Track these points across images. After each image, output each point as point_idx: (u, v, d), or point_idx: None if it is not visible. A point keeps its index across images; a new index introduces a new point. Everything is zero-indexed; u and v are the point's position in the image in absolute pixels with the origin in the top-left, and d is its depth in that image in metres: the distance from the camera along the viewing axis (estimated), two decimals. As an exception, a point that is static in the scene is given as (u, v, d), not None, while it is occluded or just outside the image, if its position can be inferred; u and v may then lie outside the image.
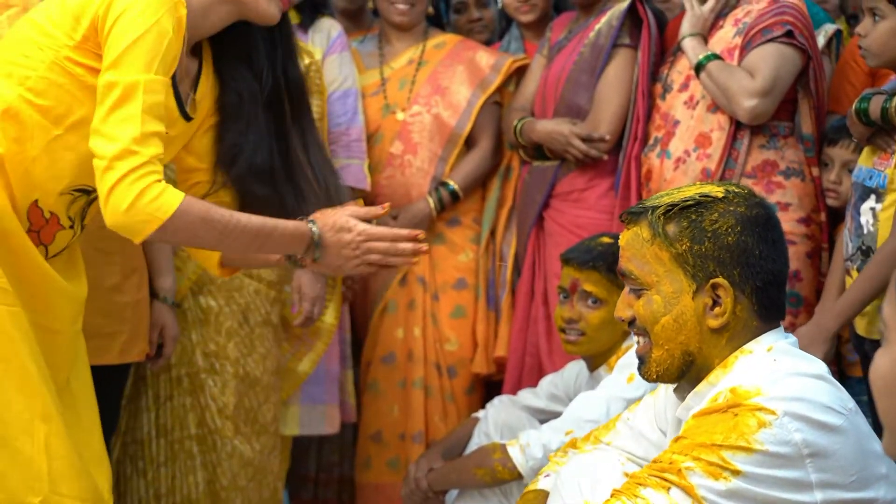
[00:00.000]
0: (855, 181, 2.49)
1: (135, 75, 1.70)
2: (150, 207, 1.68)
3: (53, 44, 1.78)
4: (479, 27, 3.55)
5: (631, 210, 1.71)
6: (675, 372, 1.67)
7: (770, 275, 1.63)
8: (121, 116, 1.70)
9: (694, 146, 2.80)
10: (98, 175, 1.71)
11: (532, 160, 3.15)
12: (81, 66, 1.78)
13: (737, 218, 1.63)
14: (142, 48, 1.72)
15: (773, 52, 2.71)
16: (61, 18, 1.78)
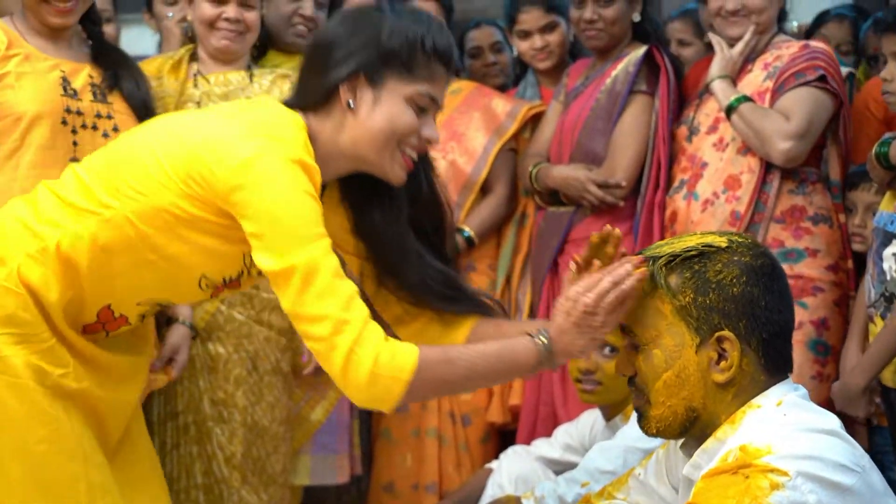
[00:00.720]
0: (876, 226, 2.47)
1: (307, 252, 1.65)
2: (390, 373, 1.62)
3: (169, 184, 1.73)
4: (495, 71, 3.56)
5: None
6: (677, 428, 1.62)
7: (776, 326, 1.59)
8: (314, 294, 1.65)
9: (723, 188, 2.79)
10: (323, 359, 1.66)
11: (547, 206, 3.14)
12: (190, 214, 1.74)
13: (742, 268, 1.58)
14: (299, 221, 1.67)
15: (808, 95, 2.71)
16: (182, 168, 1.73)
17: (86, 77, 2.45)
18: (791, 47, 2.80)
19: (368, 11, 1.81)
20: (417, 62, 1.76)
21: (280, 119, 1.77)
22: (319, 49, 1.81)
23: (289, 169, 1.68)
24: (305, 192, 1.69)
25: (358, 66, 1.75)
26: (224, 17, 2.72)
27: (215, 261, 1.81)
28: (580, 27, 3.08)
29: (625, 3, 3.05)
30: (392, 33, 1.76)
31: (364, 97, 1.76)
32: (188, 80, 2.79)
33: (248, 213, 1.68)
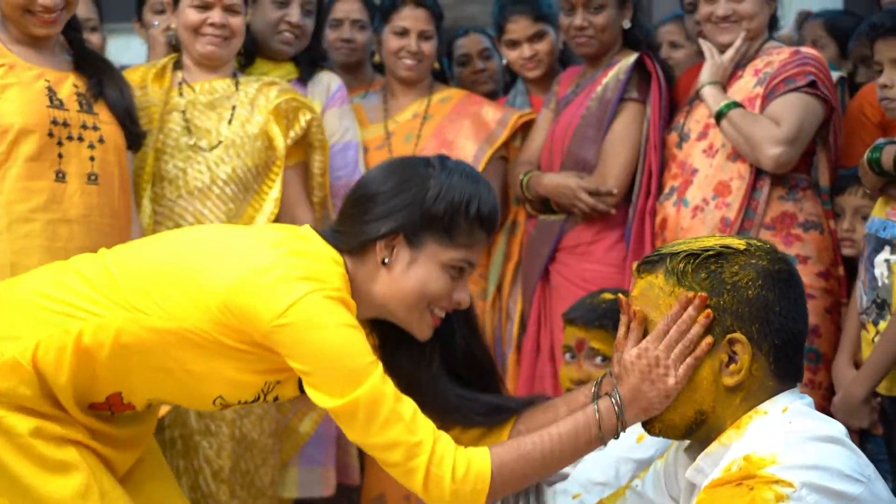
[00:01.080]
0: (868, 233, 2.46)
1: (365, 385, 1.65)
2: (469, 484, 1.65)
3: (200, 310, 1.71)
4: (484, 78, 3.57)
5: (647, 259, 1.64)
6: (682, 430, 1.60)
7: (790, 334, 1.56)
8: (380, 424, 1.65)
9: (713, 194, 2.78)
10: (406, 481, 1.68)
11: (538, 214, 3.13)
12: (217, 342, 1.72)
13: (758, 271, 1.56)
14: (350, 357, 1.66)
15: (798, 101, 2.70)
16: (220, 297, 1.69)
17: (70, 86, 2.44)
18: (782, 53, 2.80)
19: (417, 168, 1.78)
20: (460, 229, 1.74)
21: (322, 256, 1.75)
22: (362, 198, 1.79)
23: (332, 306, 1.68)
24: (350, 326, 1.68)
25: (398, 226, 1.74)
26: (209, 23, 2.72)
27: (234, 387, 1.79)
28: (570, 34, 3.07)
29: (615, 10, 3.04)
30: (438, 196, 1.73)
31: (400, 256, 1.75)
32: (173, 88, 2.78)
33: (297, 354, 1.67)
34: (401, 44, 3.20)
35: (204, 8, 2.71)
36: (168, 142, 2.74)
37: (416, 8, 3.20)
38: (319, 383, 1.66)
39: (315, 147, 2.87)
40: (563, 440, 1.68)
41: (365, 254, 1.77)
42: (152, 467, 1.96)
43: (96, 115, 2.46)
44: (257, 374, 1.77)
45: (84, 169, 2.42)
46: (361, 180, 1.87)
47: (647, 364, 1.61)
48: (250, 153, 2.74)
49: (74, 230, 2.41)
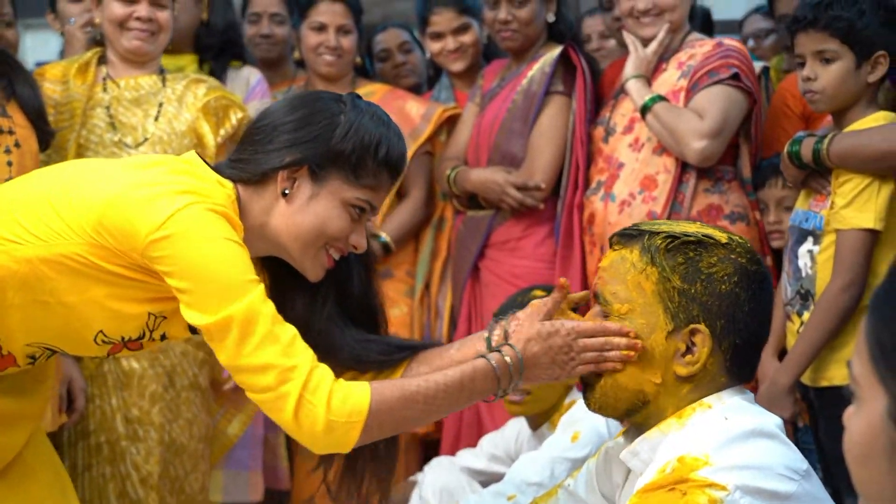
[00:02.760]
0: (792, 224, 2.49)
1: (243, 301, 1.56)
2: (344, 416, 1.54)
3: (71, 234, 1.62)
4: (405, 71, 3.55)
5: (625, 231, 1.60)
6: (621, 408, 1.58)
7: (752, 335, 1.55)
8: (254, 344, 1.56)
9: (639, 189, 2.79)
10: (270, 409, 1.56)
11: (466, 210, 3.11)
12: (94, 266, 1.63)
13: (736, 268, 1.53)
14: (230, 271, 1.57)
15: (721, 93, 2.71)
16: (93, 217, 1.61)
17: None
18: (704, 46, 2.81)
19: (328, 102, 1.72)
20: (366, 169, 1.68)
21: (206, 177, 1.67)
22: (266, 127, 1.71)
23: (214, 218, 1.60)
24: (231, 241, 1.60)
25: (304, 157, 1.67)
26: (135, 17, 2.65)
27: (115, 319, 1.69)
28: (494, 28, 3.06)
29: (539, 4, 3.03)
30: (347, 133, 1.67)
31: (301, 189, 1.68)
32: (97, 83, 2.72)
33: (174, 269, 1.58)
34: (319, 39, 3.16)
35: (130, 2, 2.65)
36: (91, 137, 2.67)
37: (334, 3, 3.17)
38: (195, 300, 1.57)
39: None
40: (448, 388, 1.60)
41: (264, 184, 1.69)
42: (35, 464, 1.84)
43: (10, 118, 2.39)
44: (139, 304, 1.67)
45: (2, 175, 2.34)
46: (266, 110, 1.77)
47: (561, 345, 1.60)
48: (177, 150, 2.68)
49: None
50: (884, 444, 0.91)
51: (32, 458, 1.84)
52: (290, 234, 1.68)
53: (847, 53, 2.32)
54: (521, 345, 1.62)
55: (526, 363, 1.62)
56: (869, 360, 0.93)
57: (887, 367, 0.91)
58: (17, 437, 1.80)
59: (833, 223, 2.33)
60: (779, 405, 2.36)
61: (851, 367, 0.96)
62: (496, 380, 1.62)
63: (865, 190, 2.29)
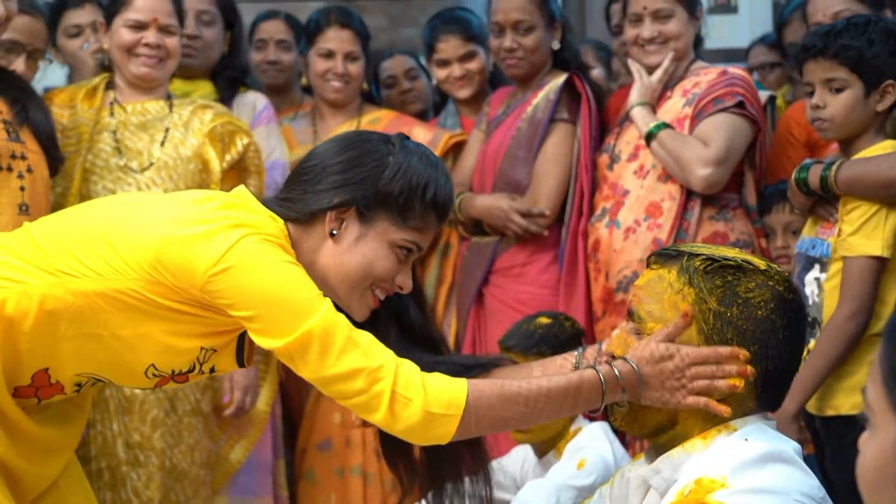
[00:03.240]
0: (798, 252, 2.49)
1: (317, 315, 1.59)
2: (442, 406, 1.56)
3: (128, 271, 1.64)
4: (412, 98, 3.58)
5: (664, 250, 1.61)
6: (648, 427, 1.58)
7: (784, 363, 1.55)
8: (336, 353, 1.58)
9: (644, 216, 2.80)
10: (367, 411, 1.59)
11: (471, 236, 3.12)
12: (151, 302, 1.65)
13: (774, 295, 1.54)
14: (296, 290, 1.61)
15: (726, 121, 2.73)
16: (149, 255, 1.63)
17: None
18: (709, 73, 2.83)
19: (376, 144, 1.74)
20: (414, 211, 1.69)
21: (258, 212, 1.69)
22: (315, 168, 1.73)
23: (269, 247, 1.62)
24: (290, 262, 1.63)
25: (352, 198, 1.69)
26: (144, 43, 2.67)
27: (168, 353, 1.71)
28: (500, 56, 3.07)
29: (544, 32, 3.05)
30: (396, 175, 1.69)
31: (350, 229, 1.70)
32: (104, 108, 2.73)
33: (238, 300, 1.61)
34: (327, 66, 3.18)
35: (138, 28, 2.67)
36: (98, 162, 2.69)
37: (342, 29, 3.19)
38: (266, 326, 1.60)
39: (251, 171, 2.83)
40: (551, 393, 1.59)
41: (312, 224, 1.71)
42: (68, 493, 1.83)
43: (24, 144, 2.40)
44: (192, 339, 1.70)
45: (15, 199, 2.36)
46: (315, 150, 1.79)
47: (672, 370, 1.56)
48: (183, 176, 2.70)
49: None
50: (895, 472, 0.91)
51: (66, 486, 1.84)
52: (338, 273, 1.70)
53: (856, 82, 2.33)
54: (640, 362, 1.58)
55: (634, 377, 1.59)
56: (883, 388, 0.93)
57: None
58: (56, 466, 1.81)
59: (840, 250, 2.33)
60: (783, 433, 2.34)
61: (866, 394, 0.96)
62: (601, 393, 1.60)
63: (873, 217, 2.29)
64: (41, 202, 2.43)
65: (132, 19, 2.66)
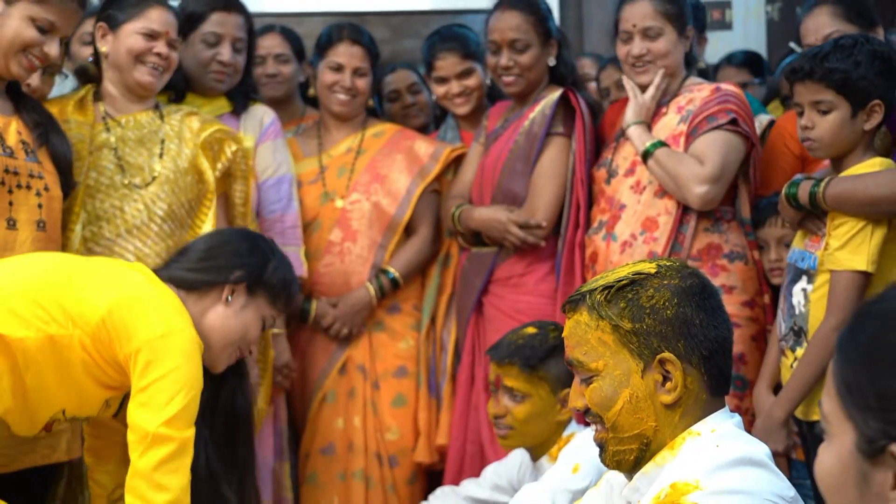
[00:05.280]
0: (788, 262, 2.54)
1: (186, 431, 1.98)
2: None
3: (77, 332, 2.01)
4: (414, 112, 3.62)
5: (570, 298, 1.69)
6: (631, 458, 1.63)
7: (714, 343, 1.61)
8: (172, 468, 1.96)
9: (641, 230, 2.84)
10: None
11: (471, 247, 3.17)
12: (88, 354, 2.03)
13: (672, 291, 1.60)
14: (191, 406, 1.99)
15: (720, 138, 2.77)
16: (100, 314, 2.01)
17: (15, 133, 2.41)
18: (703, 90, 2.86)
19: (265, 244, 2.34)
20: (280, 300, 2.29)
21: (173, 298, 2.13)
22: (224, 249, 2.27)
23: (195, 354, 2.03)
24: (199, 376, 2.02)
25: (247, 277, 2.23)
26: (154, 52, 2.71)
27: (80, 398, 2.07)
28: (497, 73, 3.11)
29: (539, 49, 3.08)
30: (274, 272, 2.28)
31: (238, 299, 2.23)
32: (97, 122, 2.74)
33: (151, 373, 1.97)
34: (335, 78, 3.22)
35: (152, 37, 2.71)
36: (102, 180, 2.70)
37: (352, 45, 3.23)
38: (152, 405, 1.96)
39: (237, 177, 2.87)
40: None
41: (209, 291, 2.21)
42: None
43: (41, 164, 2.44)
44: (103, 388, 2.07)
45: (33, 216, 2.40)
46: (219, 234, 2.40)
47: None
48: (184, 189, 2.74)
49: None
50: (854, 476, 0.99)
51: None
52: (222, 332, 2.19)
53: (843, 103, 2.37)
54: None
55: None
56: (836, 398, 1.01)
57: (853, 404, 0.99)
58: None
59: (827, 264, 2.38)
60: (773, 438, 2.41)
61: (822, 406, 1.04)
62: None
63: (859, 233, 2.34)
64: (56, 219, 2.48)
65: (147, 28, 2.70)
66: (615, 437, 1.62)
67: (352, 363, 3.19)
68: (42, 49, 2.37)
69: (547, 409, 2.43)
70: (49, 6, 2.35)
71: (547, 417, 2.42)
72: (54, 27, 2.37)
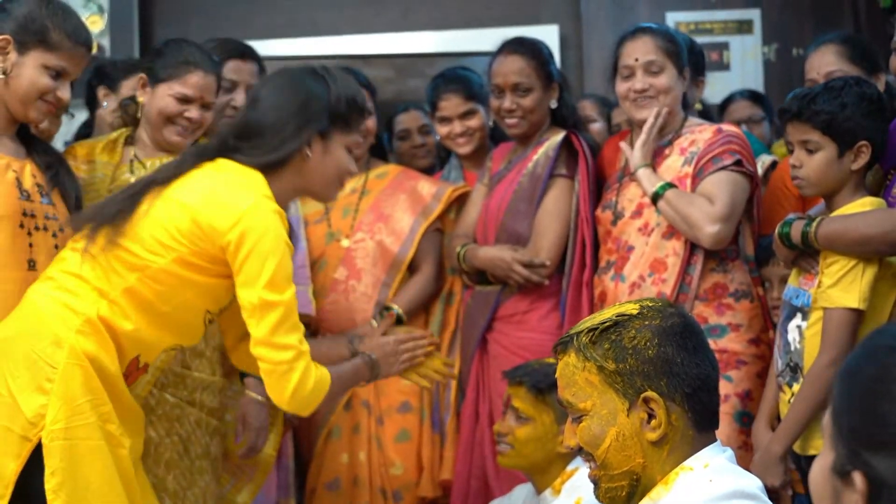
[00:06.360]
0: (784, 300, 2.58)
1: (287, 293, 2.13)
2: (318, 390, 2.20)
3: (177, 246, 2.16)
4: (423, 153, 3.69)
5: (560, 340, 1.74)
6: (623, 494, 1.67)
7: (697, 380, 1.64)
8: (287, 327, 2.13)
9: (649, 271, 2.87)
10: (277, 376, 2.16)
11: (475, 285, 3.21)
12: (195, 266, 2.17)
13: (653, 331, 1.64)
14: (283, 268, 2.13)
15: (727, 179, 2.81)
16: (188, 229, 2.15)
17: (30, 176, 2.45)
18: (705, 132, 2.90)
19: (313, 80, 2.28)
20: (353, 122, 2.30)
21: (254, 178, 2.20)
22: (270, 119, 2.25)
23: (276, 220, 2.14)
24: (286, 243, 2.15)
25: (315, 130, 2.25)
26: (186, 116, 2.73)
27: (214, 294, 2.23)
28: (500, 115, 3.16)
29: (542, 92, 3.13)
30: (336, 102, 2.26)
31: (316, 149, 2.26)
32: (123, 164, 2.78)
33: (242, 255, 2.12)
34: None
35: (185, 102, 2.72)
36: None
37: None
38: (250, 281, 2.12)
39: None
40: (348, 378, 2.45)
41: (290, 160, 2.24)
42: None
43: (54, 206, 2.48)
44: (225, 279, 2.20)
45: (51, 257, 2.43)
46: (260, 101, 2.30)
47: (391, 348, 2.54)
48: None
49: None
50: (830, 490, 1.08)
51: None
52: (318, 180, 2.29)
53: (829, 144, 2.42)
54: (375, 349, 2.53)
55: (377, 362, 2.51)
56: (831, 419, 1.10)
57: (836, 429, 1.07)
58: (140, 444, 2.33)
59: (820, 301, 2.42)
60: (771, 473, 2.44)
61: (823, 421, 1.13)
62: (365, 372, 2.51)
63: (851, 271, 2.38)
64: None
65: (181, 93, 2.71)
66: (606, 475, 1.67)
67: (356, 399, 3.23)
68: (56, 94, 2.44)
69: (548, 437, 2.48)
70: (60, 53, 2.42)
71: (546, 445, 2.47)
72: (66, 72, 2.44)
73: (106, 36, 4.76)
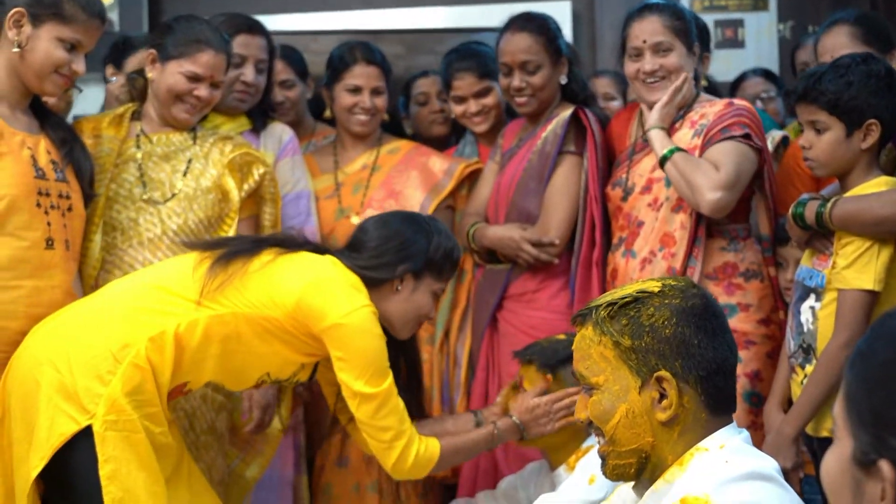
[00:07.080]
0: (797, 280, 2.57)
1: (384, 384, 2.35)
2: (421, 462, 2.42)
3: (280, 307, 2.33)
4: (441, 118, 3.66)
5: (579, 312, 1.73)
6: (632, 471, 1.67)
7: (713, 364, 1.63)
8: (386, 412, 2.36)
9: (659, 246, 2.86)
10: (380, 454, 2.42)
11: (485, 264, 3.20)
12: (286, 333, 2.35)
13: (672, 310, 1.63)
14: (381, 360, 2.34)
15: (734, 148, 2.78)
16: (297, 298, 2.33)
17: (45, 153, 2.45)
18: (715, 105, 2.88)
19: (425, 226, 2.54)
20: (445, 272, 2.53)
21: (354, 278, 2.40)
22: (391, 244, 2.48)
23: (375, 320, 2.35)
24: (381, 338, 2.36)
25: (412, 268, 2.47)
26: (195, 94, 2.74)
27: (281, 363, 2.41)
28: (510, 94, 3.14)
29: (551, 69, 3.11)
30: (436, 250, 2.50)
31: (407, 285, 2.48)
32: (129, 138, 2.78)
33: (343, 347, 2.33)
34: (354, 100, 3.26)
35: (195, 80, 2.73)
36: (121, 192, 2.73)
37: (368, 65, 3.27)
38: (352, 370, 2.32)
39: (266, 199, 2.90)
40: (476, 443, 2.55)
41: (381, 285, 2.45)
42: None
43: (68, 184, 2.48)
44: (300, 355, 2.40)
45: (63, 236, 2.45)
46: (386, 225, 2.54)
47: (541, 413, 2.52)
48: (203, 206, 2.76)
49: (56, 295, 2.44)
50: (850, 482, 1.06)
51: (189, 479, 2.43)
52: (403, 316, 2.49)
53: (836, 124, 2.40)
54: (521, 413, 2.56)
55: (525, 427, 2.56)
56: (844, 407, 1.07)
57: (853, 417, 1.05)
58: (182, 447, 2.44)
59: (834, 282, 2.41)
60: (783, 454, 2.44)
61: (833, 409, 1.10)
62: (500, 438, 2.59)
63: (866, 252, 2.37)
64: (77, 239, 2.53)
65: (191, 71, 2.73)
66: (614, 451, 1.67)
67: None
68: (70, 67, 2.42)
69: None
70: (75, 26, 2.41)
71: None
72: (80, 44, 2.44)
73: (115, 10, 4.73)
